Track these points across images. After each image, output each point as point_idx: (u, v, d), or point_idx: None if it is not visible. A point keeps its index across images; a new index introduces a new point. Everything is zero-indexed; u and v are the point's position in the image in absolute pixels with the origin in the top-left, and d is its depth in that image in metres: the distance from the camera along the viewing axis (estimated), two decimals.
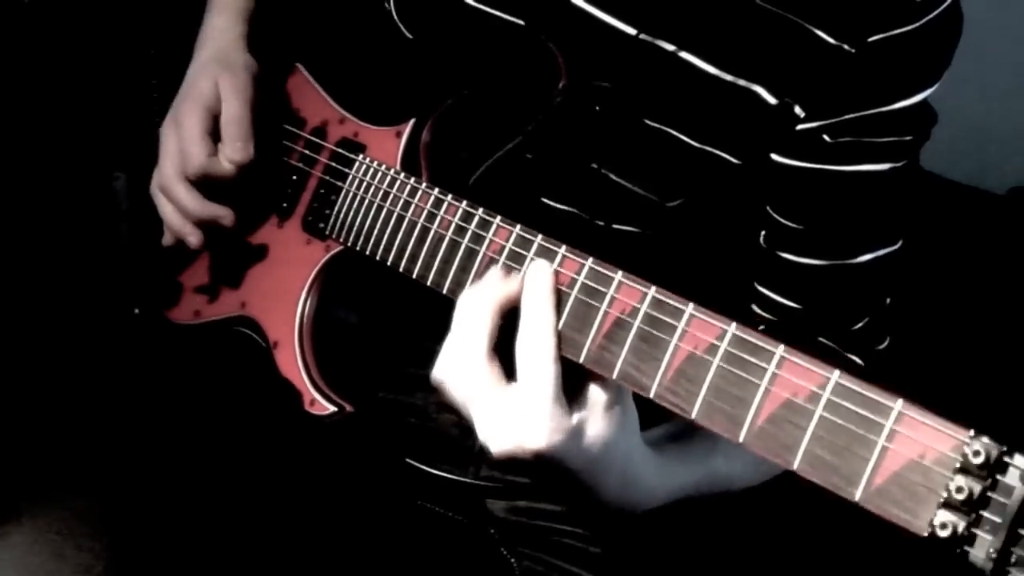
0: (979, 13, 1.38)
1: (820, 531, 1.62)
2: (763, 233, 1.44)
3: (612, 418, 1.10)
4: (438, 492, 1.54)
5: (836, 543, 1.74)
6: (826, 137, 1.35)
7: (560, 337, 1.09)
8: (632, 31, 1.34)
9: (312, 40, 1.60)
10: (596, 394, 1.09)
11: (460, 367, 1.11)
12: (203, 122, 1.48)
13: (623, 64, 1.35)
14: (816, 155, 1.37)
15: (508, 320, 1.11)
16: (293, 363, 1.41)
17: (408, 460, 1.53)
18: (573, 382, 1.09)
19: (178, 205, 1.49)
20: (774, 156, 1.39)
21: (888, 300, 1.47)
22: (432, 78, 1.44)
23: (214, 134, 1.48)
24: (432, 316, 1.23)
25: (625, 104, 1.37)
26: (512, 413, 1.08)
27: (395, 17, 1.52)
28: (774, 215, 1.42)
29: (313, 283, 1.43)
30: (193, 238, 1.50)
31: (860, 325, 1.44)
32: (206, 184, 1.48)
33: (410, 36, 1.51)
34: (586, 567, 1.51)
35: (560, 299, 1.10)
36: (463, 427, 1.54)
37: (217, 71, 1.51)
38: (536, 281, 1.10)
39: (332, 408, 1.36)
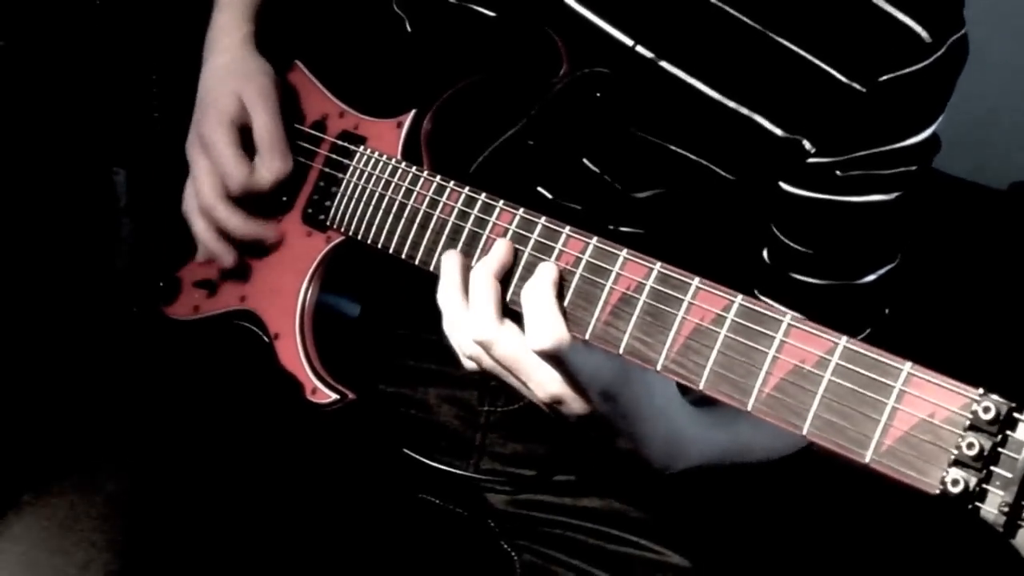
0: (979, 12, 1.39)
1: (825, 507, 1.62)
2: (767, 250, 1.44)
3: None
4: (438, 484, 1.54)
5: (846, 507, 1.74)
6: (837, 172, 1.36)
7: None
8: (631, 43, 1.34)
9: (310, 35, 1.60)
10: None
11: (485, 333, 1.11)
12: (233, 138, 1.46)
13: (624, 78, 1.35)
14: (825, 187, 1.37)
15: None
16: (294, 354, 1.40)
17: (408, 452, 1.52)
18: None
19: (222, 227, 1.47)
20: (783, 185, 1.39)
21: (887, 311, 1.48)
22: (432, 70, 1.44)
23: (246, 148, 1.47)
24: (433, 308, 1.23)
25: (621, 113, 1.37)
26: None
27: (397, 10, 1.53)
28: (781, 237, 1.42)
29: (314, 274, 1.43)
30: (230, 258, 1.49)
31: (862, 337, 1.44)
32: (245, 200, 1.47)
33: (410, 29, 1.52)
34: (586, 560, 1.50)
35: (564, 279, 1.10)
36: (464, 420, 1.56)
37: (237, 83, 1.49)
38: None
39: (334, 396, 1.36)
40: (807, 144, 1.35)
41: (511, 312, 1.12)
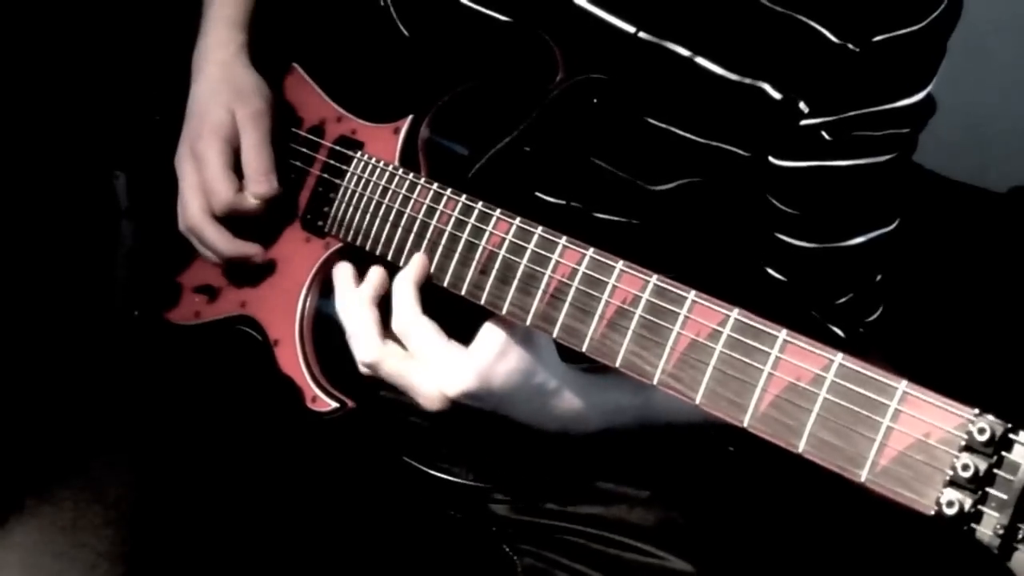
0: (979, 12, 1.39)
1: (826, 513, 1.62)
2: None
3: (513, 357, 1.21)
4: (438, 492, 1.54)
5: (842, 524, 1.74)
6: (825, 134, 1.35)
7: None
8: (633, 30, 1.34)
9: (307, 39, 1.59)
10: (490, 338, 1.20)
11: (369, 355, 1.27)
12: (224, 156, 1.45)
13: (625, 64, 1.35)
14: (815, 153, 1.37)
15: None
16: (294, 360, 1.40)
17: (408, 460, 1.53)
18: (470, 334, 1.22)
19: (208, 247, 1.47)
20: (772, 159, 1.39)
21: (878, 277, 1.48)
22: (429, 74, 1.43)
23: (236, 167, 1.46)
24: (432, 314, 1.23)
25: (626, 103, 1.37)
26: (422, 370, 1.23)
27: (393, 14, 1.52)
28: (770, 199, 1.42)
29: (313, 280, 1.43)
30: (229, 263, 1.49)
31: (844, 300, 1.45)
32: (233, 218, 1.47)
33: (407, 33, 1.51)
34: (588, 564, 1.50)
35: (562, 290, 1.11)
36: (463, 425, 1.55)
37: (230, 100, 1.48)
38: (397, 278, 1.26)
39: (334, 404, 1.36)
40: (803, 105, 1.35)
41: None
